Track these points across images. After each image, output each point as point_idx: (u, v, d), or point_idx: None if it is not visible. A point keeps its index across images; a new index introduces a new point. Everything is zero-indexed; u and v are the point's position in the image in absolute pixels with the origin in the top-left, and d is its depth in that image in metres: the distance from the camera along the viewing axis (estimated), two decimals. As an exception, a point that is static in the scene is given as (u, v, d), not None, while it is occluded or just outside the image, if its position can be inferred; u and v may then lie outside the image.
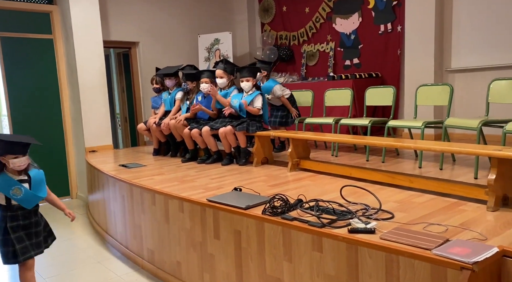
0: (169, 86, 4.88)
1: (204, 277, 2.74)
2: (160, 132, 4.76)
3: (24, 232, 2.49)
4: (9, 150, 2.38)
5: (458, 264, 1.55)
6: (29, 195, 2.46)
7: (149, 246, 3.25)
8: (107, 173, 3.84)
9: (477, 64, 4.83)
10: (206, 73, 4.35)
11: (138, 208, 3.34)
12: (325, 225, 2.05)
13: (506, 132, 2.78)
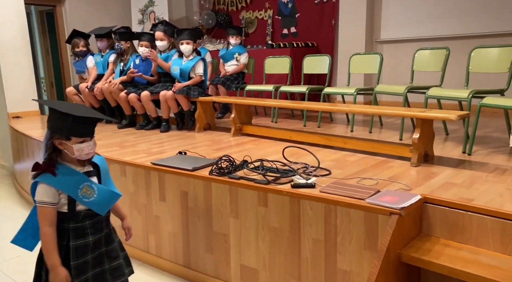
0: (101, 48, 4.62)
1: (150, 239, 2.77)
2: (93, 97, 4.53)
3: (93, 255, 1.64)
4: (75, 130, 1.55)
5: (388, 210, 1.76)
6: (105, 195, 1.66)
7: (89, 213, 3.17)
8: (38, 139, 3.61)
9: (403, 35, 5.19)
10: (146, 36, 4.18)
11: (75, 174, 3.21)
12: (270, 182, 2.17)
13: (428, 97, 3.08)
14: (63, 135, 1.55)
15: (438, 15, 4.91)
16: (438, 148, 2.84)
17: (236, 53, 4.79)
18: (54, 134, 1.56)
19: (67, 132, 1.55)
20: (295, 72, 5.33)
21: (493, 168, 2.37)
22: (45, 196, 1.54)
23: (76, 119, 1.54)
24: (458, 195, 1.91)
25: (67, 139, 1.55)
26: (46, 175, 1.55)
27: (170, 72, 4.03)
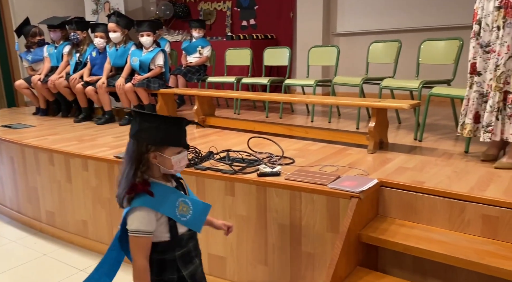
0: (55, 39, 4.44)
1: (114, 232, 2.73)
2: (47, 90, 4.35)
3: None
4: (173, 138, 1.35)
5: (348, 194, 1.87)
6: (199, 208, 1.45)
7: (48, 208, 3.08)
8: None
9: (358, 28, 5.39)
10: (101, 27, 4.06)
11: (32, 169, 3.10)
12: (237, 171, 2.22)
13: (382, 87, 3.25)
14: (162, 146, 1.32)
15: (391, 9, 5.14)
16: (392, 136, 3.01)
17: (200, 46, 4.77)
18: (151, 146, 1.32)
19: (165, 141, 1.33)
20: (255, 64, 5.39)
21: (442, 153, 2.56)
22: (142, 224, 1.30)
23: (176, 125, 1.34)
24: (411, 178, 2.06)
25: (162, 149, 1.33)
26: (143, 198, 1.30)
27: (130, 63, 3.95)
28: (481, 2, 2.15)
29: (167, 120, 1.34)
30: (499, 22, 2.06)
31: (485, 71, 2.15)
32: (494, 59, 2.09)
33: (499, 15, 2.06)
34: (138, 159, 1.33)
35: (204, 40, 4.86)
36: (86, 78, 4.02)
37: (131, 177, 1.33)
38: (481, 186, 1.91)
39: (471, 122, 2.24)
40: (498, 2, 2.06)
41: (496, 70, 2.08)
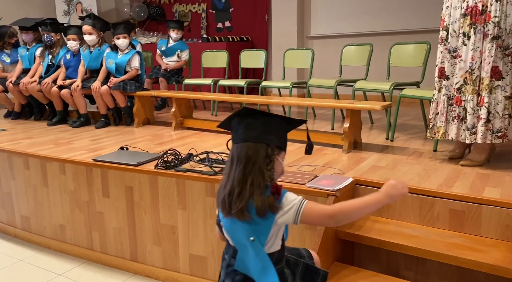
0: (27, 41, 4.34)
1: (93, 236, 2.73)
2: (19, 93, 4.25)
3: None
4: (286, 141, 1.29)
5: (325, 192, 1.95)
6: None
7: (23, 213, 3.02)
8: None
9: (331, 31, 5.52)
10: (73, 29, 4.00)
11: (5, 174, 3.04)
12: (217, 172, 2.27)
13: (355, 89, 3.37)
14: (280, 150, 1.23)
15: (362, 13, 5.30)
16: (365, 136, 3.13)
17: (179, 49, 4.75)
18: (276, 148, 1.22)
19: (285, 144, 1.25)
20: (232, 66, 5.43)
21: (412, 151, 2.69)
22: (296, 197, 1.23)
23: (292, 126, 1.25)
24: (384, 176, 2.16)
25: (279, 154, 1.24)
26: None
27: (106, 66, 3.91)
28: (448, 9, 2.27)
29: (290, 121, 1.28)
30: (465, 29, 2.18)
31: (452, 75, 2.28)
32: (462, 64, 2.22)
33: (465, 22, 2.18)
34: (267, 163, 1.20)
35: (183, 44, 4.85)
36: (60, 82, 3.95)
37: (261, 182, 1.18)
38: (448, 182, 2.03)
39: (444, 125, 2.31)
40: (464, 10, 2.19)
41: (472, 74, 2.17)
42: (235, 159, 1.20)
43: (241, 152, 1.19)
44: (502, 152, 2.62)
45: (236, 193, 1.18)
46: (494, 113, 2.15)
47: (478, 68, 2.16)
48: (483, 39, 2.13)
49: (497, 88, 2.14)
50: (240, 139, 1.22)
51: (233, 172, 1.19)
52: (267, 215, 1.18)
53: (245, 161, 1.18)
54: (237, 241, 1.24)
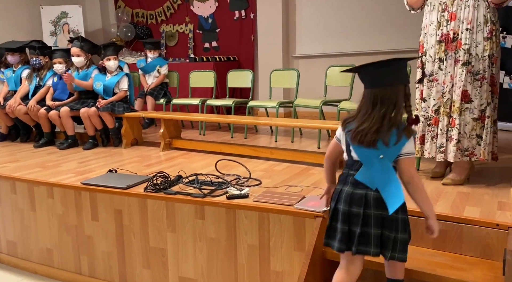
0: (13, 63, 4.35)
1: (82, 260, 2.71)
2: (5, 115, 4.23)
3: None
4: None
5: (313, 214, 2.00)
6: None
7: (9, 238, 2.99)
8: None
9: (315, 51, 5.67)
10: (59, 53, 4.03)
11: (-8, 199, 3.01)
12: (206, 195, 2.30)
13: (339, 109, 3.47)
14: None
15: (345, 33, 5.46)
16: (351, 155, 3.20)
17: (158, 65, 4.85)
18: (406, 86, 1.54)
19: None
20: (219, 86, 5.51)
21: (396, 170, 2.77)
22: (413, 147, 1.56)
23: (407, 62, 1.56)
24: (369, 196, 2.23)
25: None
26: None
27: (93, 88, 3.95)
28: (425, 36, 2.41)
29: (409, 59, 1.57)
30: (441, 54, 2.32)
31: (429, 97, 2.40)
32: (438, 87, 2.34)
33: (440, 48, 2.32)
34: (405, 101, 1.52)
35: (161, 59, 4.96)
36: (49, 102, 3.96)
37: (399, 118, 1.52)
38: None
39: (418, 143, 2.47)
40: (439, 37, 2.32)
41: (443, 97, 2.32)
42: (378, 102, 1.50)
43: (384, 96, 1.49)
44: (481, 170, 2.72)
45: (374, 129, 1.49)
46: (462, 134, 2.30)
47: (449, 91, 2.31)
48: (454, 65, 2.27)
49: (466, 110, 2.28)
50: (382, 84, 1.51)
51: (374, 112, 1.50)
52: (400, 143, 1.50)
53: (388, 103, 1.49)
54: (365, 159, 1.55)
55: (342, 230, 1.57)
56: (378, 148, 1.50)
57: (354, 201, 1.55)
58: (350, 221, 1.56)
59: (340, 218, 1.58)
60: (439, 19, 2.31)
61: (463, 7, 2.25)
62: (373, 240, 1.53)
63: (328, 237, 1.65)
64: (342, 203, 1.58)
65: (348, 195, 1.57)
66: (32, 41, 4.50)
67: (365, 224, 1.54)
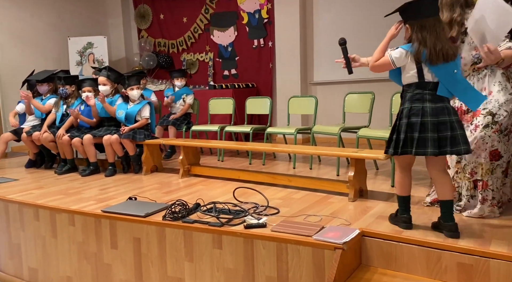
0: (42, 93, 4.54)
1: (100, 288, 2.71)
2: (31, 142, 4.38)
3: None
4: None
5: (332, 245, 1.96)
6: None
7: (31, 265, 3.03)
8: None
9: (333, 78, 5.69)
10: (88, 82, 4.20)
11: (16, 225, 3.08)
12: (224, 224, 2.29)
13: (359, 136, 3.44)
14: None
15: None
16: (370, 182, 3.16)
17: (184, 94, 4.96)
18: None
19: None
20: (237, 112, 5.58)
21: (417, 200, 2.70)
22: None
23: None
24: (390, 227, 2.17)
25: None
26: None
27: (115, 116, 4.06)
28: None
29: None
30: None
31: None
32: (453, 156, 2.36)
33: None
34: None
35: (187, 89, 5.06)
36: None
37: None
38: (455, 234, 2.03)
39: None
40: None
41: (461, 162, 2.33)
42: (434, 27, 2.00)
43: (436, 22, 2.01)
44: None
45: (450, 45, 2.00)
46: (496, 190, 2.29)
47: (464, 157, 2.31)
48: (474, 132, 2.25)
49: (497, 167, 2.27)
50: (435, 13, 2.04)
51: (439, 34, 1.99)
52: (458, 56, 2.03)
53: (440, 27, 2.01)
54: (442, 76, 1.99)
55: (432, 137, 1.96)
56: (455, 61, 2.00)
57: (439, 112, 1.97)
58: (438, 129, 1.96)
59: (429, 128, 1.97)
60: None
61: (475, 80, 2.29)
62: (461, 138, 1.96)
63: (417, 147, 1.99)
64: (428, 116, 1.98)
65: (432, 109, 1.98)
66: (59, 71, 4.70)
67: (453, 128, 1.96)
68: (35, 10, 6.23)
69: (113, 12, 7.34)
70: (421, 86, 2.02)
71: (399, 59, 2.05)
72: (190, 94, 5.00)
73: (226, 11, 6.41)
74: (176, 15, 6.89)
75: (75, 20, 6.79)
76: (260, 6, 6.10)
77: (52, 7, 6.46)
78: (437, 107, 1.98)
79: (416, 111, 1.99)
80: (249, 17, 6.23)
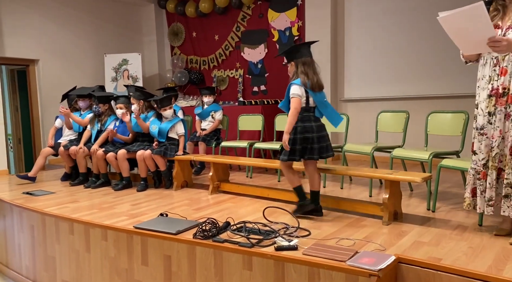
0: (82, 108, 4.71)
1: (130, 305, 2.73)
2: (68, 156, 4.52)
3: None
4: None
5: (367, 272, 1.90)
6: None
7: (64, 278, 3.09)
8: (11, 203, 3.54)
9: (365, 95, 5.62)
10: (121, 99, 4.32)
11: (51, 238, 3.16)
12: (254, 244, 2.27)
13: (393, 157, 3.35)
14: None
15: (396, 77, 5.39)
16: (405, 205, 3.05)
17: (213, 111, 5.01)
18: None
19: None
20: (266, 128, 5.58)
21: (456, 225, 2.59)
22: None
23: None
24: (428, 254, 2.08)
25: None
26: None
27: (148, 131, 4.15)
28: (478, 89, 2.36)
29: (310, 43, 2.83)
30: (490, 109, 2.27)
31: (480, 151, 2.33)
32: (487, 141, 2.29)
33: (490, 102, 2.27)
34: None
35: (216, 105, 5.11)
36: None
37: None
38: (498, 264, 1.93)
39: (469, 196, 2.40)
40: (489, 91, 2.27)
41: (492, 151, 2.26)
42: (307, 65, 2.73)
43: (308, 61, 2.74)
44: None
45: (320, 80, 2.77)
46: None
47: (497, 146, 2.24)
48: (505, 119, 2.21)
49: None
50: (309, 55, 2.77)
51: (310, 71, 2.74)
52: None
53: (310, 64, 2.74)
54: (318, 102, 2.74)
55: (317, 147, 2.73)
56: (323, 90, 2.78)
57: (320, 129, 2.77)
58: (319, 141, 2.73)
59: (315, 141, 2.73)
60: (491, 74, 2.27)
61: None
62: (330, 147, 2.83)
63: (310, 154, 2.75)
64: (314, 132, 2.73)
65: (316, 127, 2.74)
66: (97, 87, 4.87)
67: (326, 140, 2.79)
68: (74, 28, 6.52)
69: (148, 30, 7.58)
70: (307, 109, 2.73)
71: (299, 92, 2.69)
72: (218, 110, 5.05)
73: (257, 29, 6.49)
74: (208, 33, 7.04)
75: (111, 38, 7.06)
76: (291, 23, 6.15)
77: (90, 25, 6.75)
78: (318, 125, 2.75)
79: (308, 129, 2.70)
80: (279, 35, 6.28)
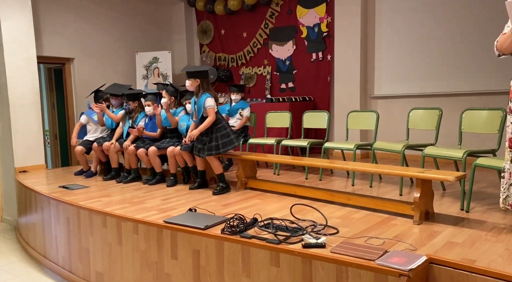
0: (115, 106, 4.85)
1: (160, 297, 2.79)
2: (101, 152, 4.67)
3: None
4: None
5: (397, 272, 1.86)
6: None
7: (98, 269, 3.20)
8: (49, 195, 3.70)
9: (395, 92, 5.50)
10: (149, 96, 4.42)
11: (85, 230, 3.28)
12: (282, 241, 2.27)
13: (425, 155, 3.27)
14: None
15: (428, 74, 5.24)
16: (437, 204, 2.97)
17: (240, 108, 5.05)
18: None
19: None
20: (294, 125, 5.56)
21: (491, 226, 2.50)
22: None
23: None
24: (461, 255, 2.02)
25: None
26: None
27: (177, 126, 4.22)
28: None
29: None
30: None
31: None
32: None
33: None
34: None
35: (243, 102, 5.13)
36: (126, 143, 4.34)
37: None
38: (537, 268, 1.85)
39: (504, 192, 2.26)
40: None
41: None
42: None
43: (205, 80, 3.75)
44: None
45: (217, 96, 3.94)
46: None
47: None
48: None
49: None
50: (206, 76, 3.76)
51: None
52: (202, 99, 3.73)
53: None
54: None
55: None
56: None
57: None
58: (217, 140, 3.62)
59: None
60: None
61: None
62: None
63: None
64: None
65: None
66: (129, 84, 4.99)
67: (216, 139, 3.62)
68: (106, 27, 6.70)
69: (178, 28, 7.69)
70: (218, 115, 3.67)
71: (214, 102, 3.65)
72: (246, 107, 5.07)
73: (285, 25, 6.46)
74: (237, 30, 7.07)
75: (142, 36, 7.21)
76: (320, 20, 6.09)
77: (122, 24, 6.92)
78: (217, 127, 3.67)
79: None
80: (308, 31, 6.23)
